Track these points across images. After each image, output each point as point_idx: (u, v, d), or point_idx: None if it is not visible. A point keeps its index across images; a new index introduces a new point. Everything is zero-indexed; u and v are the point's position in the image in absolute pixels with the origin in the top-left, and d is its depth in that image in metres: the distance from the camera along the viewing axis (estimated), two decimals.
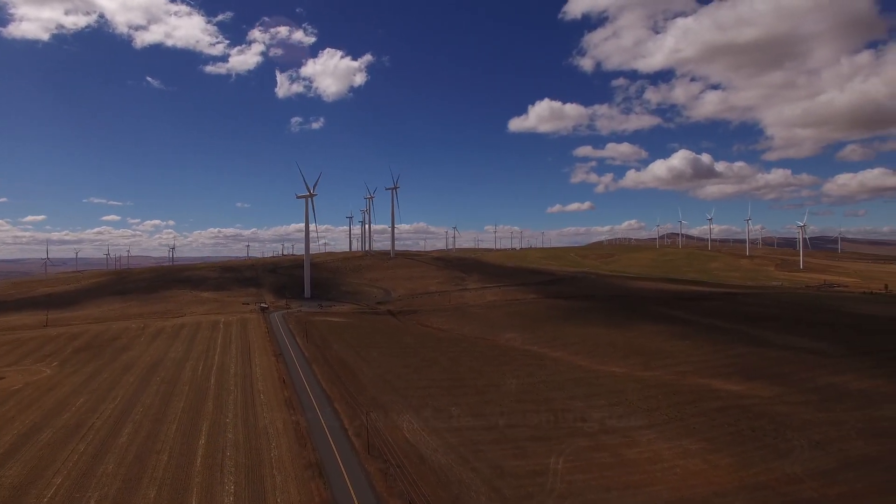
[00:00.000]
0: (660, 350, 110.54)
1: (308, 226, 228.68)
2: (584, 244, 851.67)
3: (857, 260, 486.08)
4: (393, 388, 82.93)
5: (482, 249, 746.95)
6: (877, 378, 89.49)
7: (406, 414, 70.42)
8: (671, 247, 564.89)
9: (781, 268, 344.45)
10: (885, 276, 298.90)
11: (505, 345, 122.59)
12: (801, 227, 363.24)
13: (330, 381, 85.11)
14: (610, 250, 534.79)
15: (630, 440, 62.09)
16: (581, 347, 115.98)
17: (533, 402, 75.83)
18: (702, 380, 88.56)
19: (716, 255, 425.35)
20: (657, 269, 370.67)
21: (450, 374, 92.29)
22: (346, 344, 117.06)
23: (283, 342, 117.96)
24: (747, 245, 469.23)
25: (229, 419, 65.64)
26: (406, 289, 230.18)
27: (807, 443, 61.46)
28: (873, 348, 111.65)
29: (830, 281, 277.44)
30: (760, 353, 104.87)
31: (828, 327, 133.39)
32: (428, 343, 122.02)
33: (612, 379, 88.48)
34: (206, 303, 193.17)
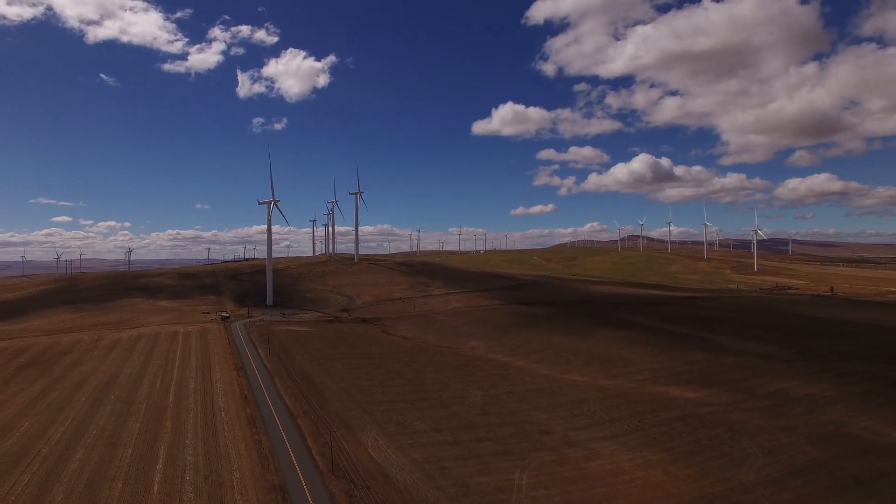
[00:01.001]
0: (621, 357, 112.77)
1: (270, 233, 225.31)
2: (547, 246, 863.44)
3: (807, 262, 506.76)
4: (357, 402, 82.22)
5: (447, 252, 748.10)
6: (823, 382, 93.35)
7: (371, 430, 69.92)
8: (632, 249, 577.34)
9: (737, 270, 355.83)
10: (831, 278, 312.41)
11: (469, 353, 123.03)
12: (755, 231, 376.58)
13: (293, 397, 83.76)
14: (572, 253, 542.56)
15: (592, 452, 63.10)
16: (544, 356, 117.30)
17: (497, 415, 76.30)
18: (661, 387, 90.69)
19: (675, 257, 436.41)
20: (619, 272, 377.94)
21: (414, 386, 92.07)
22: (309, 355, 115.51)
23: (244, 354, 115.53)
24: (705, 247, 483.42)
25: (189, 440, 63.86)
26: (370, 295, 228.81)
27: (760, 450, 63.61)
28: (820, 351, 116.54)
29: (782, 283, 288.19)
30: (717, 360, 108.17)
31: (779, 331, 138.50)
32: (392, 353, 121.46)
33: (575, 388, 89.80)
34: (164, 312, 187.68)
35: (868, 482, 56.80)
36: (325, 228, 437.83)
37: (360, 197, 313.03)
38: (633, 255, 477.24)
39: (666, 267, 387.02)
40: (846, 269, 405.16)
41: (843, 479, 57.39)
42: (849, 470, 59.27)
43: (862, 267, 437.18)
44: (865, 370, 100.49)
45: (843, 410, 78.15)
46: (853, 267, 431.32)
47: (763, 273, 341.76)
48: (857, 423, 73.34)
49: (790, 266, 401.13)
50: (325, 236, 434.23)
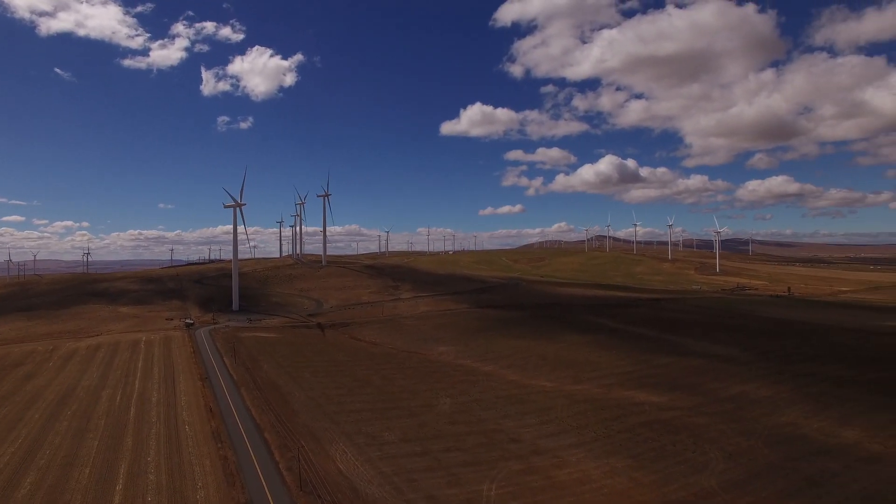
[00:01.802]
0: (588, 361, 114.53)
1: (236, 237, 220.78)
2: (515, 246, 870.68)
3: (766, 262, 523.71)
4: (325, 412, 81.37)
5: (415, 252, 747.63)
6: (780, 383, 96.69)
7: (339, 442, 69.29)
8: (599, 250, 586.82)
9: (700, 271, 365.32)
10: (789, 279, 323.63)
11: (438, 359, 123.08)
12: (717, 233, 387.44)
13: (260, 408, 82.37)
14: (540, 254, 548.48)
15: (560, 461, 63.86)
16: (512, 361, 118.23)
17: (466, 424, 76.54)
18: (628, 392, 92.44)
19: (640, 258, 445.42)
20: (586, 273, 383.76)
21: (383, 394, 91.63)
22: (276, 363, 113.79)
23: (209, 363, 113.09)
24: (669, 248, 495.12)
25: (151, 457, 62.12)
26: (338, 299, 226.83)
27: (721, 454, 65.43)
28: (777, 352, 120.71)
29: (743, 284, 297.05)
30: (681, 363, 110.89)
31: (739, 333, 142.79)
32: (361, 360, 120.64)
33: (543, 395, 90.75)
34: (125, 319, 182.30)
35: (820, 483, 59.03)
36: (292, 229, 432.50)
37: (327, 199, 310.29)
38: (600, 255, 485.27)
39: (632, 268, 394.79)
40: (802, 268, 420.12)
41: (797, 481, 59.50)
42: (803, 471, 61.49)
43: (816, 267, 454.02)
44: (819, 371, 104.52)
45: (799, 412, 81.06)
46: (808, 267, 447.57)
47: (725, 273, 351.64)
48: (811, 425, 76.20)
49: (750, 266, 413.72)
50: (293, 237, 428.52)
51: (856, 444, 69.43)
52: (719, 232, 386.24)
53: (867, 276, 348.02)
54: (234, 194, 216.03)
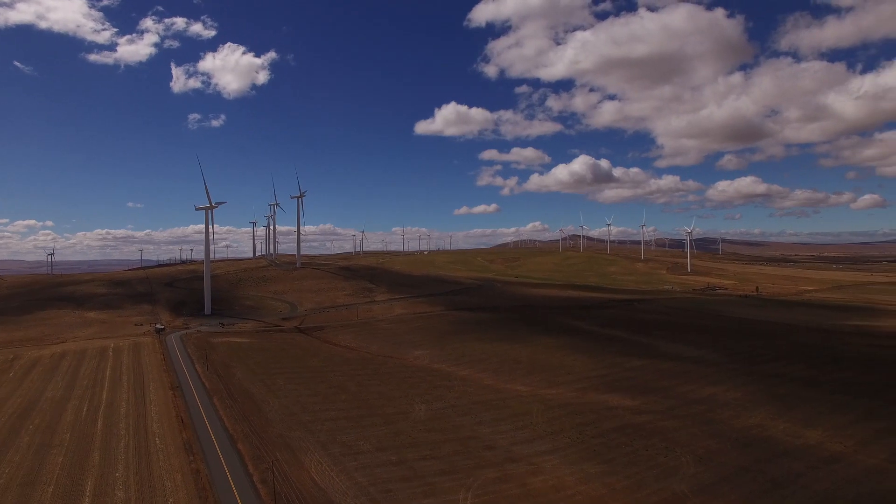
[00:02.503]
0: (562, 365, 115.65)
1: (208, 240, 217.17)
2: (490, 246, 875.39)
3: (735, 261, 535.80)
4: (300, 421, 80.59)
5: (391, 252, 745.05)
6: (748, 384, 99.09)
7: (314, 452, 68.69)
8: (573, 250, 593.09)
9: (672, 271, 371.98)
10: (757, 278, 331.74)
11: (413, 364, 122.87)
12: (689, 233, 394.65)
13: (233, 418, 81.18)
14: (515, 254, 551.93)
15: (535, 467, 64.33)
16: (488, 364, 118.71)
17: (442, 431, 76.59)
18: (602, 395, 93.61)
19: (614, 259, 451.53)
20: (560, 273, 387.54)
21: (358, 401, 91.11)
22: (249, 370, 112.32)
23: (181, 371, 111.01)
24: (642, 247, 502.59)
25: (119, 472, 60.69)
26: (313, 302, 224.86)
27: (692, 458, 66.69)
28: (746, 353, 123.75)
29: (713, 284, 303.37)
30: (653, 366, 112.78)
31: (710, 334, 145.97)
32: (336, 365, 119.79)
33: (518, 400, 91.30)
34: (92, 324, 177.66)
35: (784, 484, 60.61)
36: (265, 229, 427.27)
37: (301, 200, 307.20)
38: (574, 255, 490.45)
39: (605, 268, 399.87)
40: (770, 268, 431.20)
41: (764, 483, 60.99)
42: (769, 473, 63.07)
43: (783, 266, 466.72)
44: (785, 371, 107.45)
45: (766, 413, 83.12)
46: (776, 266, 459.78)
47: (696, 273, 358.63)
48: (778, 426, 78.21)
49: (720, 266, 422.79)
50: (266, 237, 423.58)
51: (818, 444, 71.47)
52: (690, 232, 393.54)
53: (830, 276, 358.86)
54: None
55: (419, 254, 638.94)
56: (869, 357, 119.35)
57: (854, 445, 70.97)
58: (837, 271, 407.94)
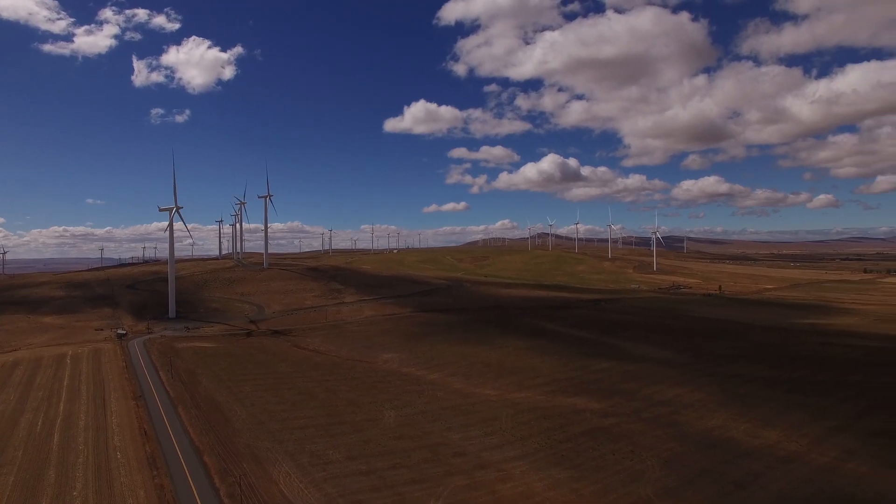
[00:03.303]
0: (531, 368, 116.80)
1: (172, 242, 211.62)
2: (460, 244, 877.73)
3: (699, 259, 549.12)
4: (268, 431, 79.44)
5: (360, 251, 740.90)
6: (711, 385, 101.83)
7: (282, 463, 67.82)
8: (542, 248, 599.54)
9: (639, 270, 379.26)
10: (720, 276, 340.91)
11: (383, 368, 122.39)
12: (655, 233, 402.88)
13: (199, 429, 79.50)
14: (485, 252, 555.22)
15: (504, 474, 64.82)
16: (457, 368, 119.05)
17: (411, 438, 76.51)
18: (569, 399, 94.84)
19: (582, 257, 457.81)
20: (529, 272, 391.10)
21: (327, 409, 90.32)
22: (215, 377, 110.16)
23: (144, 379, 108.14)
24: (609, 246, 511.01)
25: (77, 491, 58.80)
26: (281, 304, 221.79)
27: (657, 461, 68.16)
28: (709, 353, 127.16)
29: (678, 283, 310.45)
30: (620, 367, 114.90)
31: (674, 334, 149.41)
32: (304, 370, 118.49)
33: (487, 405, 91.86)
34: (48, 330, 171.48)
35: (745, 485, 62.44)
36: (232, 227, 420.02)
37: (269, 200, 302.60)
38: (543, 254, 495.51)
39: (573, 267, 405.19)
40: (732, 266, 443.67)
41: (726, 484, 62.70)
42: (730, 475, 64.87)
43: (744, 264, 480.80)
44: (746, 371, 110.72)
45: (727, 414, 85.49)
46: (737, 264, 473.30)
47: (662, 272, 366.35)
48: (739, 427, 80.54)
49: (685, 265, 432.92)
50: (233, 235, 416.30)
51: (776, 444, 73.88)
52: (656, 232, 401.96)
53: (788, 274, 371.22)
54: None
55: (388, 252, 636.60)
56: (822, 356, 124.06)
57: (808, 444, 73.64)
58: (795, 269, 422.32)
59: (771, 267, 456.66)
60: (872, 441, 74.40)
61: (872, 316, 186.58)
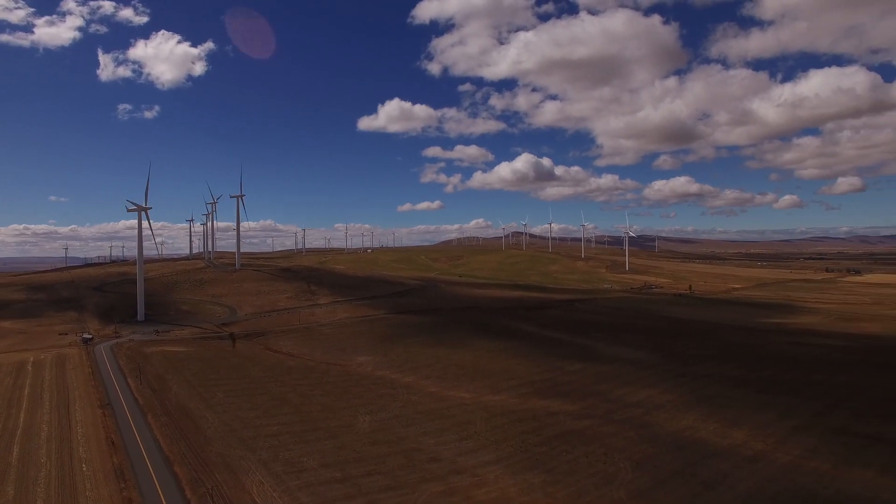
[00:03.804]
0: (505, 370, 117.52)
1: (141, 243, 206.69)
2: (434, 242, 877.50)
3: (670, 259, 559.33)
4: (240, 438, 78.29)
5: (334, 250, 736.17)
6: (682, 386, 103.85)
7: (256, 472, 66.90)
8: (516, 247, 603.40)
9: (611, 270, 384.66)
10: (690, 276, 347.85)
11: (357, 371, 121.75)
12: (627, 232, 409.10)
13: (169, 437, 77.91)
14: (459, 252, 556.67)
15: (479, 479, 65.09)
16: (431, 371, 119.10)
17: (386, 444, 76.28)
18: (543, 401, 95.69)
19: (556, 257, 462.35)
20: (503, 272, 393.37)
21: (301, 414, 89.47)
22: (186, 383, 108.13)
23: (111, 386, 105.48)
24: (583, 245, 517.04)
25: None
26: (253, 306, 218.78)
27: (629, 464, 69.21)
28: (679, 354, 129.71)
29: (650, 282, 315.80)
30: (593, 368, 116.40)
31: (646, 334, 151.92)
32: (277, 374, 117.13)
33: (462, 408, 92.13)
34: (8, 335, 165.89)
35: (714, 485, 63.81)
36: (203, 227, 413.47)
37: (241, 200, 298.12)
38: (517, 254, 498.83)
39: (547, 267, 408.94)
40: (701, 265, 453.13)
41: (696, 485, 64.03)
42: (700, 475, 66.24)
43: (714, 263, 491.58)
44: (715, 371, 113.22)
45: (697, 415, 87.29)
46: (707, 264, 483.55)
47: (634, 272, 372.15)
48: (708, 427, 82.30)
49: (657, 264, 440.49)
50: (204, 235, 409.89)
51: (743, 443, 75.71)
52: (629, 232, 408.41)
53: (756, 273, 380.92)
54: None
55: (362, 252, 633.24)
56: (788, 355, 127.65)
57: (774, 443, 75.64)
58: (762, 269, 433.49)
59: (739, 266, 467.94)
60: (833, 439, 76.88)
61: (834, 315, 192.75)
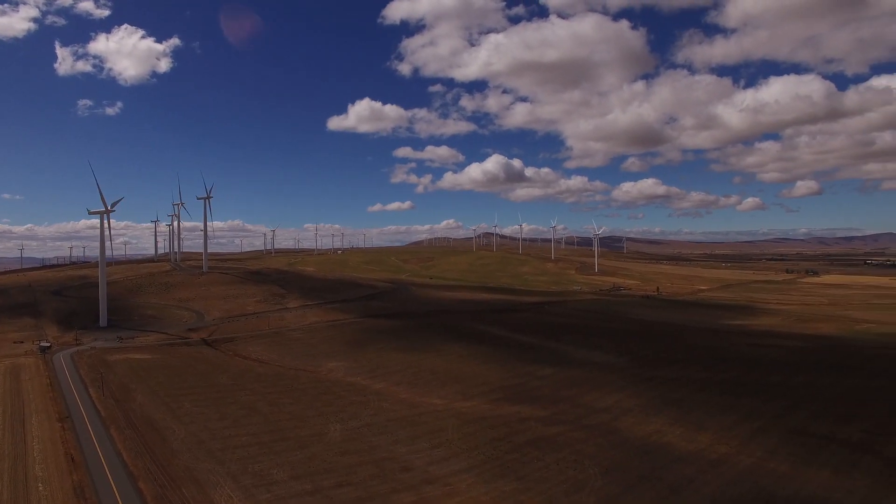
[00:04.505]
0: (476, 375, 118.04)
1: (104, 247, 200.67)
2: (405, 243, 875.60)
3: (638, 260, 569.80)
4: (208, 450, 76.81)
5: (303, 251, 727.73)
6: (650, 390, 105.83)
7: (224, 486, 65.70)
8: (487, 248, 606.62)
9: (581, 271, 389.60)
10: (658, 278, 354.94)
11: (327, 378, 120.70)
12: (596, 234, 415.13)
13: (133, 451, 75.88)
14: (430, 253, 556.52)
15: (451, 489, 65.25)
16: (403, 377, 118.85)
17: (357, 453, 75.86)
18: (514, 407, 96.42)
19: (526, 258, 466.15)
20: (474, 273, 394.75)
21: (271, 424, 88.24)
22: (152, 392, 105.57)
23: (71, 397, 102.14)
24: (552, 247, 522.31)
25: None
26: (221, 310, 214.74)
27: (599, 470, 70.22)
28: (648, 357, 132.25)
29: (618, 284, 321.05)
30: (563, 373, 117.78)
31: (615, 337, 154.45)
32: (247, 382, 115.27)
33: (434, 415, 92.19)
34: None
35: (679, 490, 65.22)
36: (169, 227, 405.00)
37: (208, 202, 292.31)
38: (488, 255, 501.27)
39: (518, 268, 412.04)
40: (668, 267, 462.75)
41: (662, 490, 65.36)
42: (666, 480, 67.65)
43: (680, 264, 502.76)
44: (681, 375, 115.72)
45: (664, 419, 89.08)
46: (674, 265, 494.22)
47: (603, 273, 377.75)
48: (674, 431, 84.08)
49: (625, 265, 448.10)
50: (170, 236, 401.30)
51: (708, 447, 77.62)
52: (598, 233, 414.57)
53: (720, 274, 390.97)
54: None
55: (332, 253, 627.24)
56: (750, 357, 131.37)
57: (737, 446, 77.75)
58: (726, 270, 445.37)
59: (704, 267, 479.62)
60: (791, 439, 79.42)
61: (793, 316, 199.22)
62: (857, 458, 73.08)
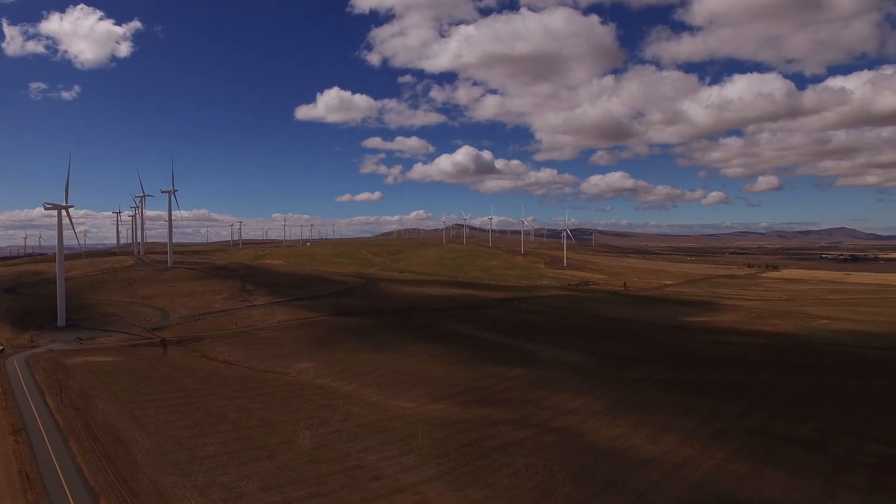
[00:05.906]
0: (446, 376, 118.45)
1: (62, 244, 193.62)
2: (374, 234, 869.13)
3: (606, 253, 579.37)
4: (174, 462, 75.31)
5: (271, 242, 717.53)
6: (617, 391, 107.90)
7: (191, 500, 64.51)
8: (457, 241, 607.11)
9: (550, 265, 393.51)
10: (625, 272, 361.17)
11: (296, 380, 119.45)
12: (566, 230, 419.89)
13: (94, 465, 73.84)
14: (399, 245, 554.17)
15: (422, 497, 65.52)
16: (373, 378, 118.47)
17: (327, 462, 75.41)
18: (484, 409, 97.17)
19: (496, 252, 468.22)
20: (443, 267, 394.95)
21: (239, 432, 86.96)
22: (114, 399, 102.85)
23: (26, 407, 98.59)
24: (522, 240, 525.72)
25: None
26: (187, 308, 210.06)
27: (567, 475, 71.36)
28: (615, 356, 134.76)
29: (587, 279, 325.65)
30: (531, 374, 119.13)
31: (583, 335, 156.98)
32: (214, 386, 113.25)
33: (404, 420, 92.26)
34: None
35: (646, 494, 66.77)
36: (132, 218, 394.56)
37: (173, 196, 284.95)
38: (457, 248, 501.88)
39: (487, 262, 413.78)
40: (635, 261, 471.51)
41: (629, 495, 66.78)
42: (632, 484, 69.13)
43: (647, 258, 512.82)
44: (648, 375, 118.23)
45: (631, 421, 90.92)
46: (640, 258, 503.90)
47: (572, 267, 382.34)
48: (640, 434, 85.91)
49: (593, 259, 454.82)
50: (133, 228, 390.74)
51: (673, 449, 79.59)
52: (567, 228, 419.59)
53: (685, 269, 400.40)
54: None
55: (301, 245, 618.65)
56: (713, 355, 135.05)
57: (700, 448, 79.96)
58: (691, 264, 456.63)
59: (670, 261, 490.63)
60: (751, 440, 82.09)
61: (754, 312, 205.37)
62: (810, 457, 76.09)
